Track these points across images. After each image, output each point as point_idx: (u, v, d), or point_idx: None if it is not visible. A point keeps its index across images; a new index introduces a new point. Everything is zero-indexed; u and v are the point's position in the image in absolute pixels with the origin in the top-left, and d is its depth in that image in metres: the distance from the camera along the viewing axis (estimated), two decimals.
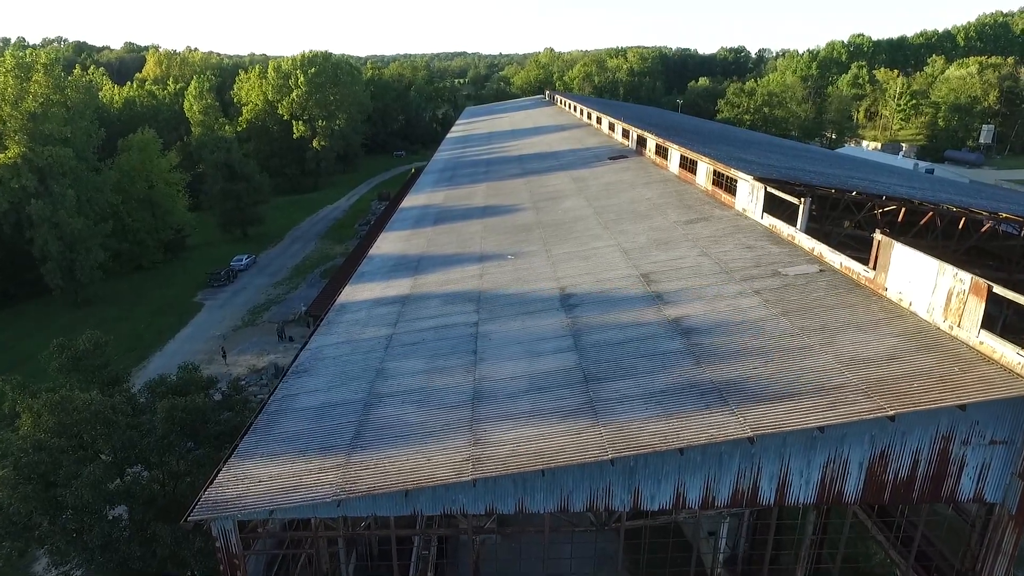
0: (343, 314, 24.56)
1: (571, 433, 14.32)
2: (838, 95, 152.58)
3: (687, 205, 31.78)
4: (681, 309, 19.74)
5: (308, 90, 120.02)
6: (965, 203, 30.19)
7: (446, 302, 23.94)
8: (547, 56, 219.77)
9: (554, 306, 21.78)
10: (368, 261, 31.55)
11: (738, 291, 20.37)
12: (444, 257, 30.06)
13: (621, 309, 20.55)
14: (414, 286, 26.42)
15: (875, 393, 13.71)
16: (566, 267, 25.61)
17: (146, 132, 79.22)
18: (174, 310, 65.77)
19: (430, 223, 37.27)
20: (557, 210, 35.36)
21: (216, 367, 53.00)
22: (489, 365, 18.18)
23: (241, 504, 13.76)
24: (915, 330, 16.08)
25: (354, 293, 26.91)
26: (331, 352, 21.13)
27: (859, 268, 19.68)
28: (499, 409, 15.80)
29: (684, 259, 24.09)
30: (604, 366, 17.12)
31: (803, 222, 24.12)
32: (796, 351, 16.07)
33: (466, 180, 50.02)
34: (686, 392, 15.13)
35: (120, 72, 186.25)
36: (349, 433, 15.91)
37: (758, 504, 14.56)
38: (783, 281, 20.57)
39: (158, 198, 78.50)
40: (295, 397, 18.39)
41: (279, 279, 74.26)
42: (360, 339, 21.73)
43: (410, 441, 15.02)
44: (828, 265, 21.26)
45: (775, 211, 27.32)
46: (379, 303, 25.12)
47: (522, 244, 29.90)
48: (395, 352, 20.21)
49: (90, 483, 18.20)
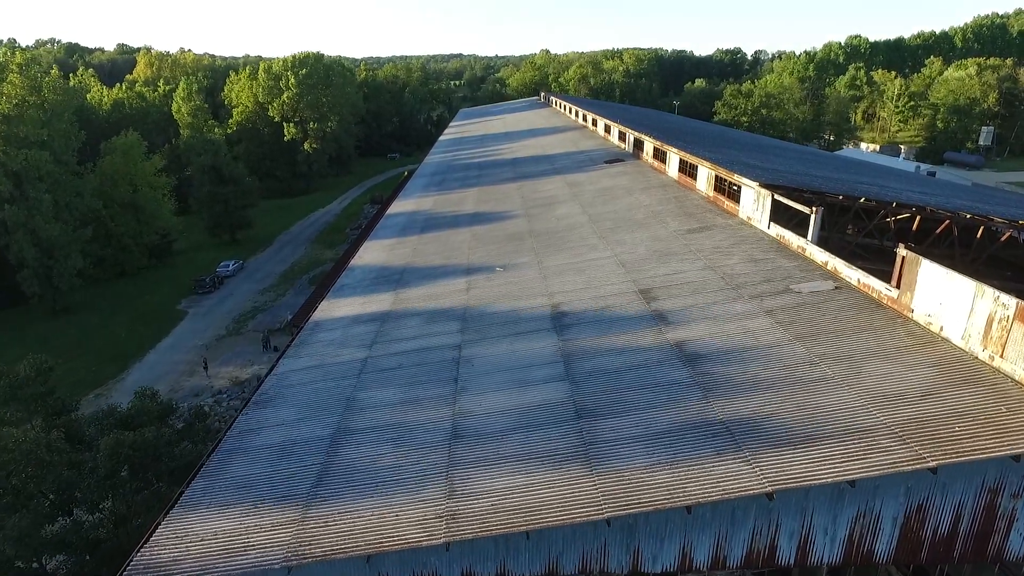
0: (316, 333, 22.63)
1: (561, 483, 12.44)
2: (836, 97, 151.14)
3: (688, 213, 29.95)
4: (685, 331, 17.88)
5: (299, 92, 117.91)
6: (982, 210, 28.44)
7: (428, 320, 22.04)
8: (543, 58, 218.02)
9: (545, 326, 19.90)
10: (348, 273, 29.64)
11: (747, 311, 18.53)
12: (429, 269, 28.15)
13: (618, 330, 18.68)
14: (395, 301, 24.51)
15: (911, 438, 11.88)
16: (559, 281, 23.74)
17: (130, 134, 77.08)
18: (157, 318, 63.63)
19: (416, 231, 35.36)
20: (550, 217, 33.50)
21: (197, 379, 51.02)
22: (471, 397, 16.29)
23: (177, 570, 11.83)
24: (950, 360, 14.25)
25: (330, 309, 25.00)
26: (299, 378, 19.21)
27: (880, 286, 17.85)
28: (479, 451, 13.91)
29: (686, 273, 22.24)
30: (600, 399, 15.25)
31: (815, 233, 22.29)
32: (816, 384, 14.22)
33: (457, 185, 48.14)
34: (693, 433, 13.27)
35: (112, 74, 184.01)
36: (310, 479, 14.00)
37: (776, 565, 12.69)
38: (796, 299, 18.74)
39: (142, 202, 76.24)
40: (255, 433, 16.46)
41: (266, 285, 72.19)
42: (332, 363, 19.82)
43: (377, 491, 13.11)
44: (844, 281, 19.43)
45: (780, 219, 25.53)
46: (357, 321, 23.20)
47: (512, 255, 28.02)
48: (369, 379, 18.30)
49: (14, 536, 16.17)
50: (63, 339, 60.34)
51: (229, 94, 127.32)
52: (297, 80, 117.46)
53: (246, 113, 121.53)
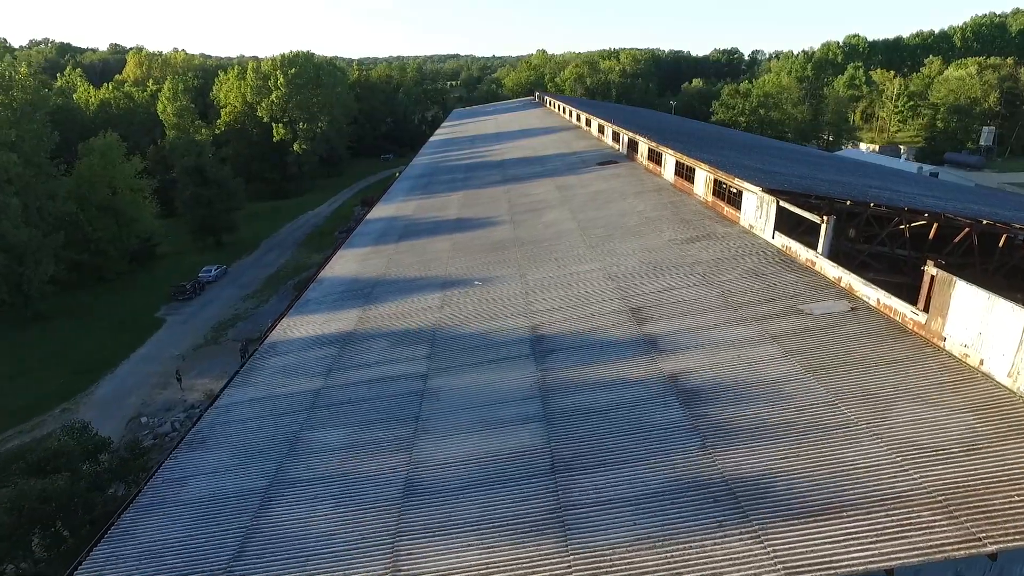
0: (270, 357, 20.29)
1: (529, 561, 10.16)
2: (835, 96, 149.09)
3: (684, 220, 27.68)
4: (679, 361, 15.60)
5: (288, 91, 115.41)
6: (1005, 217, 26.25)
7: (395, 343, 19.72)
8: (539, 58, 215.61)
9: (523, 351, 17.60)
10: (316, 285, 27.32)
11: (750, 335, 16.26)
12: (403, 282, 25.84)
13: (605, 358, 16.39)
14: (361, 320, 22.17)
15: (959, 510, 9.61)
16: (542, 297, 21.44)
17: (109, 135, 74.56)
18: (133, 326, 61.12)
19: (394, 239, 33.03)
20: (537, 224, 31.21)
21: (171, 392, 48.57)
22: (431, 441, 13.98)
23: None
24: (995, 403, 11.99)
25: (291, 328, 22.66)
26: (241, 413, 16.88)
27: (904, 308, 15.59)
28: (434, 515, 11.60)
29: (682, 289, 19.96)
30: (580, 446, 12.96)
31: (826, 244, 20.00)
32: (836, 432, 11.95)
33: (442, 188, 45.82)
34: (690, 496, 10.98)
35: (104, 74, 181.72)
36: (232, 547, 11.68)
37: None
38: (806, 322, 16.47)
39: (122, 205, 73.73)
40: (179, 483, 14.12)
41: (250, 291, 69.76)
42: (281, 394, 17.49)
43: (305, 570, 10.80)
44: (861, 301, 17.17)
45: (784, 226, 23.26)
46: (316, 342, 20.87)
47: (493, 267, 25.72)
48: (318, 416, 15.99)
49: None
50: (34, 348, 57.88)
51: (218, 94, 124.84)
52: (286, 80, 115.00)
53: (234, 113, 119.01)
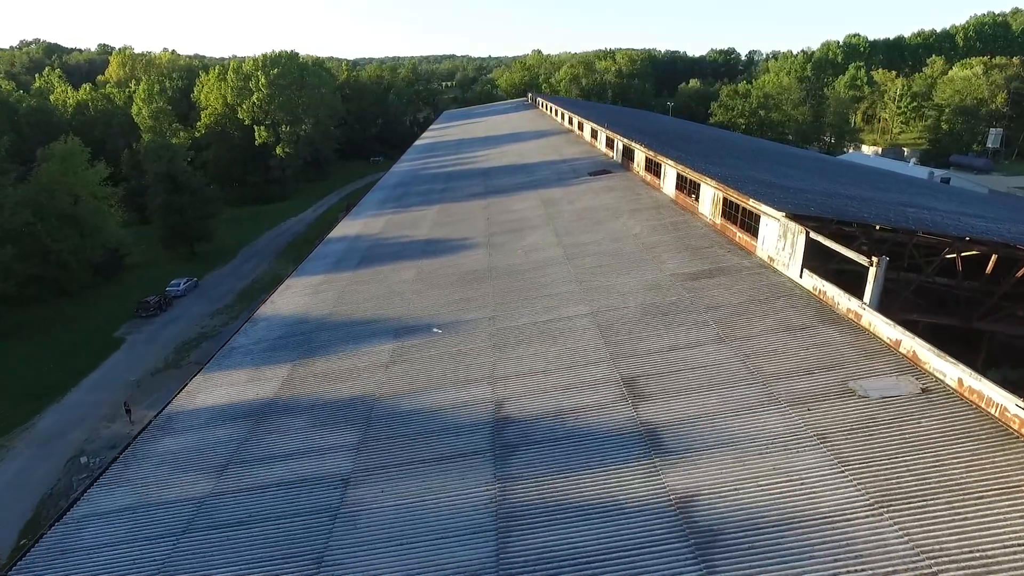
0: (162, 438, 15.82)
1: None
2: (836, 97, 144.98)
3: (689, 247, 23.30)
4: (692, 474, 11.20)
5: (270, 92, 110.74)
6: None
7: (320, 421, 15.28)
8: (534, 58, 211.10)
9: (479, 444, 13.19)
10: (250, 327, 22.87)
11: (786, 431, 11.89)
12: (351, 326, 21.38)
13: (587, 465, 11.98)
14: (288, 381, 17.72)
15: None
16: (513, 355, 17.03)
17: (70, 140, 69.93)
18: (89, 347, 56.47)
19: (352, 265, 28.60)
20: (517, 249, 26.79)
21: (119, 426, 43.97)
22: None
23: None
24: None
25: (202, 389, 18.20)
26: (95, 532, 12.42)
27: (1003, 398, 11.20)
28: None
29: (691, 350, 15.58)
30: None
31: (875, 293, 15.57)
32: None
33: (417, 200, 41.37)
34: None
35: (90, 74, 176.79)
36: None
37: None
38: (862, 410, 12.10)
39: (85, 214, 69.11)
40: None
41: (220, 306, 65.15)
42: (155, 504, 13.03)
43: None
44: (932, 377, 12.79)
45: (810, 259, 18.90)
46: (224, 415, 16.41)
47: (460, 307, 21.29)
48: (193, 541, 11.55)
49: None
50: None
51: (199, 96, 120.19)
52: (268, 80, 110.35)
53: (215, 115, 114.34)
